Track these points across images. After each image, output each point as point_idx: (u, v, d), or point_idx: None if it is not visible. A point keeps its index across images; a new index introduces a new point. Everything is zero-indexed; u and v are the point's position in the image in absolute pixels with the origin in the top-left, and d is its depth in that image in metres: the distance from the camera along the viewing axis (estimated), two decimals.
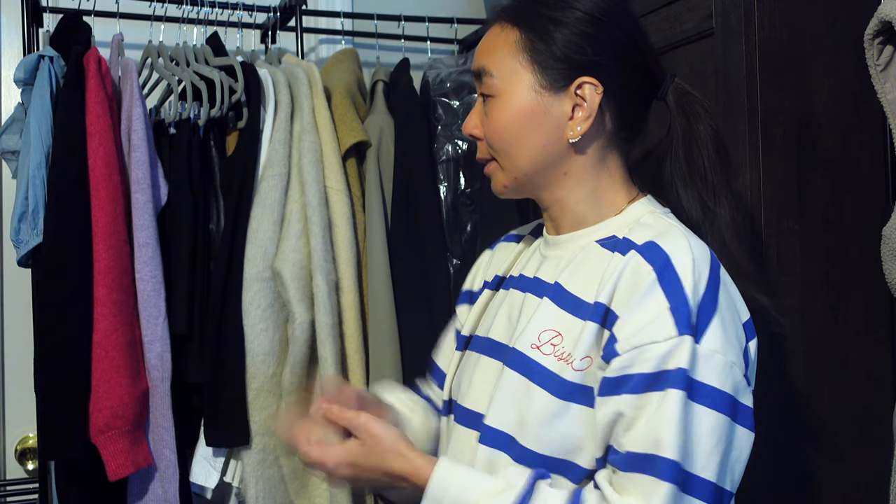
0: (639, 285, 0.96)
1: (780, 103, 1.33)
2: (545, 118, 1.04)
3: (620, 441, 0.93)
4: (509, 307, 1.11)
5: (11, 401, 1.93)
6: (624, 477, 0.92)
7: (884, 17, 1.11)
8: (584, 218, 1.08)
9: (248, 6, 1.80)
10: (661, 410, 0.91)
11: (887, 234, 1.14)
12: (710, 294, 0.96)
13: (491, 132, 1.07)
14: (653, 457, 0.90)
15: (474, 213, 1.73)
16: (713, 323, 0.95)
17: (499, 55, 1.06)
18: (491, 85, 1.06)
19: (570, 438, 0.97)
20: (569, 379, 0.98)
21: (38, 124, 1.39)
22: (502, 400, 1.01)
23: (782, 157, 1.33)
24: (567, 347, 0.99)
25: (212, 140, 1.58)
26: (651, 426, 0.91)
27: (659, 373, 0.92)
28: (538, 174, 1.06)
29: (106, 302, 1.37)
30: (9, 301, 1.95)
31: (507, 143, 1.05)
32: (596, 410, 0.96)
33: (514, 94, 1.04)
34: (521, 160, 1.05)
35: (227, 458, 1.51)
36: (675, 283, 0.95)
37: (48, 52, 1.42)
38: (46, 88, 1.40)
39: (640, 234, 1.02)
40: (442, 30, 2.00)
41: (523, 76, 1.04)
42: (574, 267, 1.05)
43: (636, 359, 0.93)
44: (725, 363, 0.94)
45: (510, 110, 1.04)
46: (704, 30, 1.40)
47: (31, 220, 1.38)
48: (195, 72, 1.57)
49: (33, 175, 1.37)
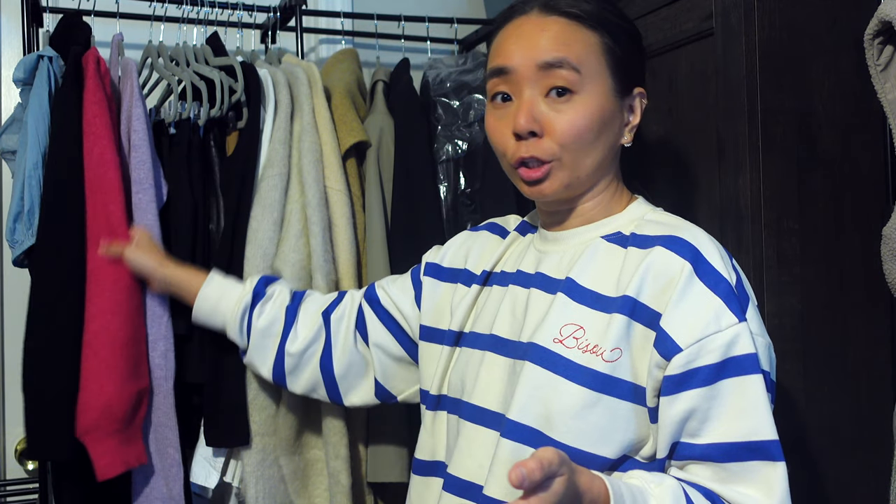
0: (674, 279, 0.98)
1: (780, 103, 1.33)
2: (615, 122, 1.08)
3: (700, 434, 0.95)
4: (512, 303, 1.11)
5: (11, 401, 1.93)
6: (728, 468, 0.94)
7: (884, 17, 1.11)
8: (592, 217, 1.11)
9: (248, 6, 1.80)
10: (749, 396, 0.94)
11: (887, 234, 1.14)
12: (739, 281, 1.01)
13: (567, 130, 1.04)
14: (761, 442, 0.94)
15: (474, 213, 1.73)
16: (750, 307, 0.99)
17: (583, 53, 1.05)
18: (574, 81, 1.03)
19: (599, 429, 0.98)
20: (600, 370, 0.99)
21: (35, 124, 1.39)
22: (525, 395, 1.02)
23: (782, 157, 1.33)
24: (592, 339, 1.01)
25: (212, 140, 1.58)
26: (744, 413, 0.94)
27: (726, 360, 0.95)
28: (593, 176, 1.09)
29: (97, 301, 1.36)
30: (9, 301, 1.95)
31: (584, 143, 1.05)
32: (662, 410, 0.97)
33: (597, 94, 1.05)
34: (589, 160, 1.07)
35: (227, 458, 1.51)
36: (714, 273, 0.98)
37: (47, 52, 1.42)
38: (45, 88, 1.40)
39: (653, 229, 1.05)
40: (442, 30, 2.00)
41: (605, 79, 1.06)
42: (584, 262, 1.06)
43: (700, 352, 0.95)
44: (765, 344, 1.00)
45: (593, 111, 1.05)
46: (704, 30, 1.40)
47: (27, 221, 1.38)
48: (195, 72, 1.57)
49: (29, 175, 1.37)
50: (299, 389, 1.38)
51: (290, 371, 1.36)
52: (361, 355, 1.35)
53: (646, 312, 0.98)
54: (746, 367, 0.94)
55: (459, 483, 1.07)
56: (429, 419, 1.18)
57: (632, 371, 0.99)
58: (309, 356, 1.35)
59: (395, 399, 1.37)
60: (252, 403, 1.47)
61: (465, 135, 1.75)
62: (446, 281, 1.26)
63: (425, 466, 1.18)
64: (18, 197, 1.38)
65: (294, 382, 1.37)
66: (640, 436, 1.00)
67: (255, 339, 1.36)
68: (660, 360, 0.96)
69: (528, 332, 1.06)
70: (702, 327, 0.95)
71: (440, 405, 1.17)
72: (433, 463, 1.16)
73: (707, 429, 0.95)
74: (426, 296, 1.27)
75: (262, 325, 1.36)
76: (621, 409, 0.98)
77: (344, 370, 1.34)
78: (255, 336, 1.36)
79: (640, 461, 1.01)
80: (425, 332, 1.25)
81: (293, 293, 1.41)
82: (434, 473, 1.15)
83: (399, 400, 1.37)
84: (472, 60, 1.85)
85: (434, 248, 1.34)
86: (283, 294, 1.39)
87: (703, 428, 0.95)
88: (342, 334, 1.34)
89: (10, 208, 1.39)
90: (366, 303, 1.35)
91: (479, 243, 1.26)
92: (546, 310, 1.05)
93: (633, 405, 0.99)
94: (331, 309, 1.37)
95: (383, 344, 1.33)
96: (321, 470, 1.53)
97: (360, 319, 1.35)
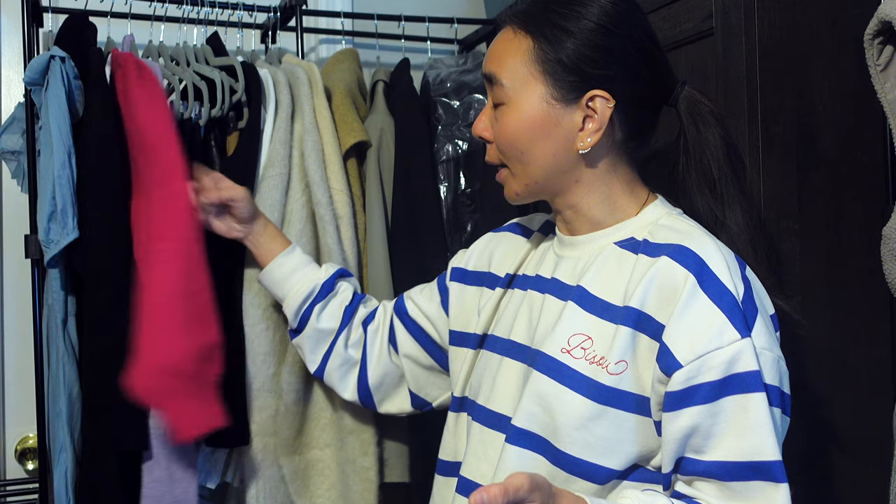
0: (677, 291, 0.95)
1: (780, 103, 1.33)
2: (556, 129, 1.04)
3: (705, 451, 0.94)
4: (529, 308, 1.11)
5: (11, 401, 1.93)
6: (732, 487, 0.93)
7: (884, 17, 1.11)
8: (601, 221, 1.08)
9: (248, 6, 1.80)
10: (751, 415, 0.91)
11: (887, 234, 1.14)
12: (748, 293, 0.98)
13: (501, 139, 1.07)
14: (763, 463, 0.91)
15: (474, 213, 1.73)
16: (757, 321, 0.96)
17: (511, 63, 1.05)
18: (502, 93, 1.05)
19: (604, 441, 0.97)
20: (604, 383, 0.98)
21: (57, 124, 1.39)
22: (530, 402, 1.01)
23: (782, 157, 1.33)
24: (599, 351, 0.99)
25: (212, 140, 1.58)
26: (746, 432, 0.92)
27: (728, 378, 0.92)
28: (549, 182, 1.07)
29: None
30: (8, 301, 1.95)
31: (518, 152, 1.06)
32: (665, 426, 0.95)
33: (526, 103, 1.04)
34: (531, 169, 1.06)
35: (227, 458, 1.51)
36: (718, 286, 0.95)
37: (58, 53, 1.42)
38: (61, 89, 1.41)
39: (662, 236, 1.02)
40: (442, 30, 2.00)
41: (535, 86, 1.04)
42: (596, 269, 1.05)
43: (701, 368, 0.92)
44: (773, 359, 0.96)
45: (521, 119, 1.04)
46: (704, 30, 1.40)
47: (61, 220, 1.38)
48: (196, 72, 1.57)
49: (59, 175, 1.38)
50: (341, 392, 1.41)
51: (331, 371, 1.39)
52: (395, 366, 1.37)
53: (651, 324, 0.97)
54: (749, 384, 0.92)
55: (471, 485, 1.07)
56: (452, 420, 1.18)
57: (637, 383, 0.97)
58: (350, 365, 1.38)
59: (431, 406, 1.38)
60: (252, 403, 1.47)
61: (465, 135, 1.75)
62: (472, 284, 1.26)
63: (448, 467, 1.18)
64: (49, 197, 1.38)
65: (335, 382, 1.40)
66: (649, 447, 0.99)
67: (309, 332, 1.38)
68: (661, 375, 0.95)
69: (538, 339, 1.05)
70: (703, 343, 0.93)
71: (462, 407, 1.17)
72: (455, 464, 1.16)
73: (710, 446, 0.93)
74: (453, 301, 1.27)
75: (321, 326, 1.37)
76: (627, 421, 0.97)
77: (378, 381, 1.37)
78: (309, 330, 1.37)
79: (650, 470, 1.00)
80: (454, 336, 1.25)
81: (354, 294, 1.42)
82: (455, 474, 1.15)
83: (435, 406, 1.38)
84: (473, 60, 1.85)
85: (460, 252, 1.35)
86: (346, 293, 1.40)
87: (707, 445, 0.93)
88: (377, 347, 1.37)
89: (41, 209, 1.40)
90: (395, 315, 1.37)
91: (502, 245, 1.25)
92: (557, 317, 1.04)
93: (639, 417, 0.98)
94: (368, 320, 1.39)
95: (412, 354, 1.35)
96: (322, 470, 1.53)
97: (391, 332, 1.37)
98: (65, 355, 1.43)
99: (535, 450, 1.00)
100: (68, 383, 1.43)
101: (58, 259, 1.40)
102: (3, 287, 1.95)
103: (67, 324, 1.44)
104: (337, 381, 1.38)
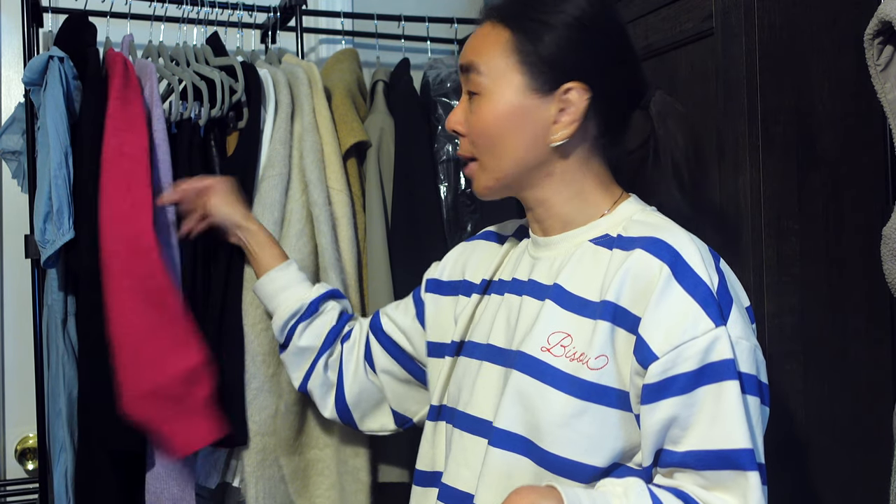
0: (652, 282, 0.96)
1: (780, 103, 1.33)
2: (530, 120, 1.04)
3: (680, 441, 0.94)
4: (507, 312, 1.10)
5: (11, 401, 1.93)
6: (705, 476, 0.93)
7: (884, 17, 1.11)
8: (572, 219, 1.08)
9: (248, 6, 1.80)
10: (723, 404, 0.92)
11: (887, 234, 1.14)
12: (722, 284, 0.98)
13: (475, 130, 1.07)
14: (731, 451, 0.92)
15: (474, 213, 1.73)
16: (733, 311, 0.97)
17: (489, 53, 1.06)
18: (478, 82, 1.06)
19: (587, 438, 0.97)
20: (586, 379, 0.98)
21: (54, 124, 1.39)
22: (511, 403, 1.01)
23: (782, 157, 1.33)
24: (579, 347, 0.99)
25: (212, 140, 1.58)
26: (717, 421, 0.92)
27: (703, 367, 0.93)
28: (521, 175, 1.07)
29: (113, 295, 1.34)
30: (8, 301, 1.95)
31: (491, 143, 1.06)
32: (643, 418, 0.96)
33: (502, 93, 1.04)
34: (503, 160, 1.06)
35: (227, 458, 1.51)
36: (693, 277, 0.96)
37: (56, 53, 1.42)
38: (59, 89, 1.41)
39: (637, 230, 1.03)
40: (442, 30, 2.00)
41: (512, 77, 1.04)
42: (571, 267, 1.05)
43: (677, 359, 0.93)
44: (750, 348, 0.97)
45: (496, 110, 1.04)
46: (704, 30, 1.40)
47: (57, 220, 1.38)
48: (195, 72, 1.57)
49: (55, 175, 1.38)
50: (322, 410, 1.41)
51: (312, 389, 1.40)
52: (372, 383, 1.36)
53: (627, 318, 0.97)
54: (723, 373, 0.92)
55: (453, 493, 1.07)
56: (430, 430, 1.18)
57: (618, 378, 0.97)
58: (328, 387, 1.38)
59: (412, 421, 1.38)
60: (252, 403, 1.47)
61: None
62: (447, 295, 1.26)
63: (425, 477, 1.18)
64: (46, 197, 1.38)
65: (316, 399, 1.41)
66: (631, 443, 0.99)
67: (292, 349, 1.38)
68: (638, 367, 0.96)
69: (517, 340, 1.05)
70: (679, 334, 0.93)
71: (441, 415, 1.17)
72: (433, 473, 1.16)
73: (686, 436, 0.94)
74: (429, 313, 1.27)
75: (302, 344, 1.37)
76: (610, 417, 0.97)
77: (355, 399, 1.36)
78: (292, 347, 1.38)
79: (633, 468, 1.00)
80: (432, 348, 1.25)
81: (342, 314, 1.41)
82: (433, 484, 1.15)
83: (415, 421, 1.37)
84: None
85: (433, 264, 1.34)
86: (332, 313, 1.39)
87: (684, 435, 0.94)
88: (353, 364, 1.36)
89: (37, 209, 1.39)
90: (370, 332, 1.37)
91: (476, 253, 1.25)
92: (535, 317, 1.04)
93: (622, 412, 0.98)
94: (345, 339, 1.39)
95: (388, 369, 1.34)
96: (322, 470, 1.53)
97: (367, 349, 1.36)
98: (64, 355, 1.43)
99: (519, 452, 1.00)
100: (68, 383, 1.43)
101: (55, 259, 1.40)
102: (3, 287, 1.95)
103: (67, 324, 1.44)
104: (318, 398, 1.39)
